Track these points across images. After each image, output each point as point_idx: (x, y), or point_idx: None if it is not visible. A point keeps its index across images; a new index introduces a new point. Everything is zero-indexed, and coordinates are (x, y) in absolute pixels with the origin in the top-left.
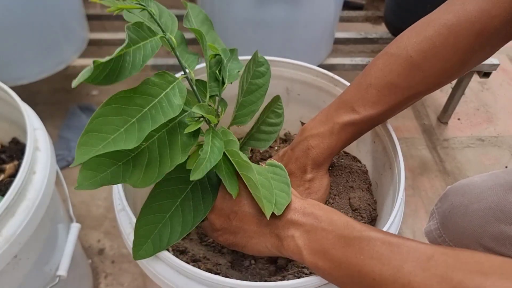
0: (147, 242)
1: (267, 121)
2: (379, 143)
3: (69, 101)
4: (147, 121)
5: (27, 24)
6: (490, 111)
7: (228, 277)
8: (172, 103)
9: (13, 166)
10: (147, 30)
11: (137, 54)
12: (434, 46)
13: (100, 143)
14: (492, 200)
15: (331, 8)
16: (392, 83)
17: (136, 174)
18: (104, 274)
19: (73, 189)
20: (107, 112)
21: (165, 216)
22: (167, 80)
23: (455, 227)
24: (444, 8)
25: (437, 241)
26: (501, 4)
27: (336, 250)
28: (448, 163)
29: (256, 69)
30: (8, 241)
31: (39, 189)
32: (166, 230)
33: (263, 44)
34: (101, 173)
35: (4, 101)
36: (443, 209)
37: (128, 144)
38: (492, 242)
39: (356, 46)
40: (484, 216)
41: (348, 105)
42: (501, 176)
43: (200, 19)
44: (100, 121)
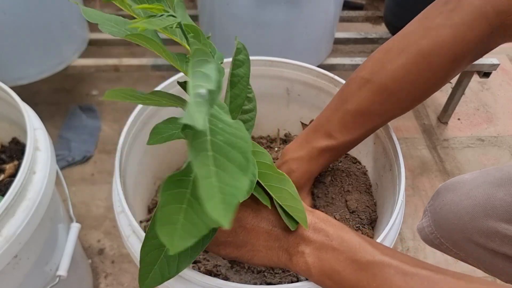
0: (154, 269)
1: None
2: (379, 144)
3: (69, 101)
4: (227, 151)
5: (27, 24)
6: (490, 111)
7: (228, 278)
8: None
9: (13, 166)
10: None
11: None
12: (409, 74)
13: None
14: (482, 196)
15: (331, 8)
16: (367, 110)
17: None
18: (104, 274)
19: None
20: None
21: None
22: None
23: (446, 224)
24: (419, 33)
25: (429, 238)
26: (475, 28)
27: (346, 273)
28: (448, 163)
29: (236, 58)
30: (8, 241)
31: (39, 189)
32: (173, 255)
33: (263, 44)
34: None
35: (4, 101)
36: (434, 206)
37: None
38: (482, 238)
39: (356, 46)
40: (474, 212)
41: (325, 130)
42: (491, 173)
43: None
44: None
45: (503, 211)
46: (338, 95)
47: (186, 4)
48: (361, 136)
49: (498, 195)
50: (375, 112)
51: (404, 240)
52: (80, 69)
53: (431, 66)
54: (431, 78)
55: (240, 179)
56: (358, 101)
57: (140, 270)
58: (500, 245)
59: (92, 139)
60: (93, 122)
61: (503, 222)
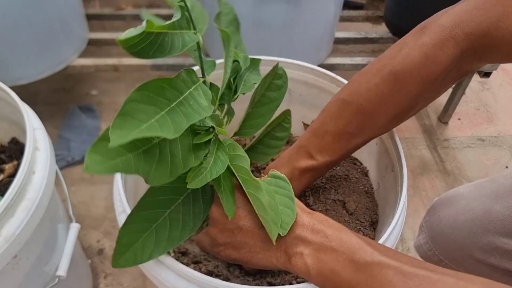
0: (128, 251)
1: (273, 135)
2: (382, 145)
3: (68, 101)
4: (178, 115)
5: (26, 24)
6: (490, 111)
7: (229, 278)
8: (200, 103)
9: (13, 166)
10: (185, 22)
11: (175, 38)
12: (382, 94)
13: (134, 128)
14: (479, 211)
15: (331, 8)
16: (345, 131)
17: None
18: (103, 274)
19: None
20: (139, 97)
21: (151, 226)
22: (192, 80)
23: (444, 240)
24: (392, 54)
25: (427, 255)
26: (445, 50)
27: (345, 273)
28: (448, 163)
29: (273, 81)
30: (8, 241)
31: (39, 189)
32: (150, 242)
33: (263, 44)
34: (110, 159)
35: (4, 101)
36: (431, 222)
37: (165, 133)
38: (481, 253)
39: (356, 46)
40: (472, 227)
41: (306, 150)
42: (486, 186)
43: (228, 18)
44: (132, 105)
45: (501, 225)
46: (319, 117)
47: None
48: (341, 157)
49: (495, 208)
50: (353, 133)
51: (405, 241)
52: (80, 69)
53: (403, 86)
54: (405, 98)
55: (168, 132)
56: (336, 123)
57: (115, 250)
58: (500, 260)
59: (92, 139)
60: (93, 122)
61: (501, 236)
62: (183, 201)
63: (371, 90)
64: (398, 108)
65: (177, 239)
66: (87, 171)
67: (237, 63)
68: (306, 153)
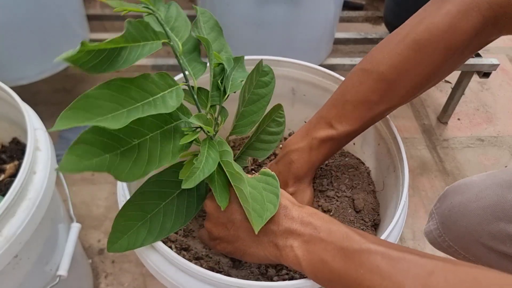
0: (123, 237)
1: (267, 130)
2: (384, 145)
3: (69, 101)
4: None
5: (27, 24)
6: (490, 111)
7: (230, 275)
8: (167, 104)
9: (14, 166)
10: (151, 32)
11: (133, 51)
12: (405, 62)
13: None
14: (491, 198)
15: (331, 8)
16: (366, 99)
17: (122, 168)
18: (104, 274)
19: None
20: (99, 95)
21: (146, 216)
22: (168, 83)
23: (454, 227)
24: (413, 23)
25: (437, 241)
26: (470, 19)
27: (335, 262)
28: (448, 163)
29: (260, 79)
30: (9, 241)
31: (40, 189)
32: (143, 231)
33: (263, 44)
34: (86, 160)
35: (5, 101)
36: (442, 209)
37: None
38: (492, 240)
39: (356, 46)
40: (483, 214)
41: (326, 121)
42: (499, 176)
43: (210, 25)
44: (89, 101)
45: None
46: (339, 88)
47: (186, 4)
48: (361, 127)
49: (508, 197)
50: (375, 101)
51: (404, 240)
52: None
53: (427, 54)
54: (427, 67)
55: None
56: (357, 91)
57: (111, 235)
58: (510, 248)
59: None
60: None
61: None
62: (178, 195)
63: (393, 58)
64: (420, 76)
65: (168, 230)
66: (61, 170)
67: (222, 65)
68: (326, 123)
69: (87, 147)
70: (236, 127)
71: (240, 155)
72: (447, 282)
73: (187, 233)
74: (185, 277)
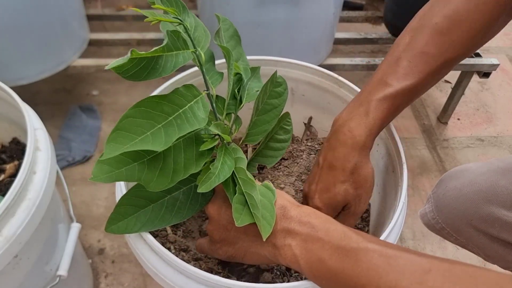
0: (123, 220)
1: (276, 138)
2: (383, 145)
3: (69, 101)
4: (172, 128)
5: (27, 24)
6: (489, 111)
7: (229, 276)
8: (196, 115)
9: (14, 166)
10: (182, 42)
11: (169, 60)
12: (458, 13)
13: (128, 142)
14: (485, 184)
15: (331, 8)
16: (421, 52)
17: (150, 177)
18: (104, 274)
19: (88, 179)
20: (136, 114)
21: (149, 204)
22: (193, 94)
23: (447, 209)
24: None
25: (431, 223)
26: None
27: (332, 261)
28: (447, 163)
29: (273, 89)
30: (9, 241)
31: (40, 189)
32: (143, 218)
33: (263, 45)
34: (116, 169)
35: (5, 101)
36: (438, 193)
37: (155, 146)
38: (482, 223)
39: (356, 46)
40: (476, 198)
41: (380, 80)
42: (495, 163)
43: (229, 33)
44: (129, 121)
45: (504, 198)
46: (390, 51)
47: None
48: (419, 83)
49: (501, 183)
50: (430, 53)
51: (404, 240)
52: (80, 69)
53: (477, 5)
54: (480, 17)
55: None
56: (410, 46)
57: (111, 216)
58: (500, 231)
59: (92, 139)
60: (93, 122)
61: (504, 209)
62: (184, 191)
63: (445, 9)
64: (473, 27)
65: (167, 222)
66: (94, 179)
67: (240, 75)
68: (380, 83)
69: (116, 156)
70: (248, 135)
71: (249, 162)
72: (443, 280)
73: (186, 234)
74: (184, 279)
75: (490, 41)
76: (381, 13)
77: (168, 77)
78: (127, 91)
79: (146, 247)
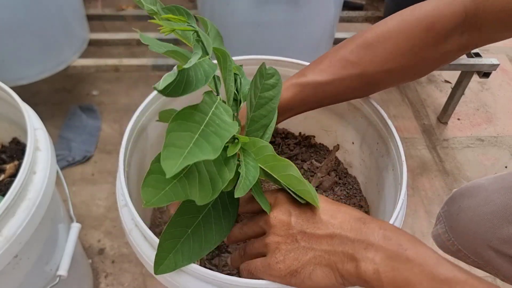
0: (168, 257)
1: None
2: (382, 144)
3: (69, 101)
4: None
5: (27, 24)
6: (489, 111)
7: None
8: (224, 121)
9: (14, 166)
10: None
11: (197, 70)
12: (388, 31)
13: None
14: (500, 202)
15: (331, 8)
16: (343, 57)
17: (193, 191)
18: (104, 274)
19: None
20: (175, 127)
21: (187, 231)
22: (212, 99)
23: (464, 230)
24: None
25: (446, 245)
26: (453, 6)
27: (422, 286)
28: (447, 163)
29: (265, 82)
30: (9, 241)
31: (40, 189)
32: (187, 245)
33: (263, 44)
34: (160, 190)
35: (5, 101)
36: (450, 212)
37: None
38: (502, 244)
39: None
40: (493, 218)
41: (301, 72)
42: (507, 179)
43: (212, 34)
44: (172, 135)
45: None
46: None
47: (185, 4)
48: (329, 82)
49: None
50: (349, 60)
51: None
52: (80, 69)
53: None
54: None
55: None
56: (338, 51)
57: (157, 256)
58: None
59: (92, 139)
60: (93, 122)
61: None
62: (212, 206)
63: (379, 27)
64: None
65: (212, 242)
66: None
67: (236, 75)
68: (301, 73)
69: (157, 176)
70: (248, 133)
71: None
72: None
73: None
74: (186, 276)
75: None
76: (381, 13)
77: None
78: (127, 91)
79: (147, 244)
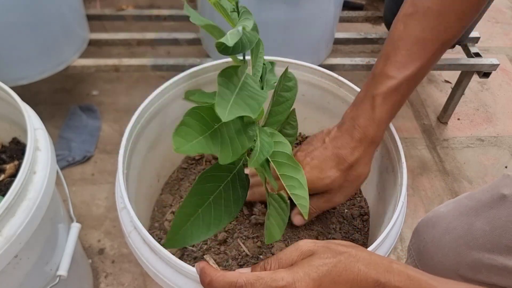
0: (178, 233)
1: (284, 132)
2: (382, 145)
3: (69, 101)
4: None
5: (27, 24)
6: (489, 111)
7: None
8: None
9: (14, 166)
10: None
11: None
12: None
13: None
14: (461, 228)
15: (331, 8)
16: (419, 39)
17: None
18: (104, 274)
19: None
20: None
21: (197, 211)
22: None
23: (431, 262)
24: None
25: None
26: None
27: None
28: (447, 163)
29: (285, 83)
30: (9, 241)
31: (40, 189)
32: (197, 224)
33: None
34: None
35: (5, 101)
36: (417, 245)
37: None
38: (469, 271)
39: (356, 46)
40: (457, 247)
41: (381, 74)
42: (464, 202)
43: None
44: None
45: (484, 241)
46: (386, 42)
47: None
48: (419, 70)
49: (476, 225)
50: (427, 39)
51: (404, 240)
52: (80, 69)
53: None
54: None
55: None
56: (407, 34)
57: (169, 232)
58: (488, 276)
59: (92, 139)
60: (94, 122)
61: (486, 252)
62: (224, 188)
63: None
64: (465, 6)
65: (222, 222)
66: (177, 151)
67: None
68: (383, 76)
69: (187, 129)
70: (267, 123)
71: None
72: None
73: None
74: (184, 279)
75: (490, 41)
76: (381, 13)
77: (168, 77)
78: (127, 91)
79: (146, 247)
